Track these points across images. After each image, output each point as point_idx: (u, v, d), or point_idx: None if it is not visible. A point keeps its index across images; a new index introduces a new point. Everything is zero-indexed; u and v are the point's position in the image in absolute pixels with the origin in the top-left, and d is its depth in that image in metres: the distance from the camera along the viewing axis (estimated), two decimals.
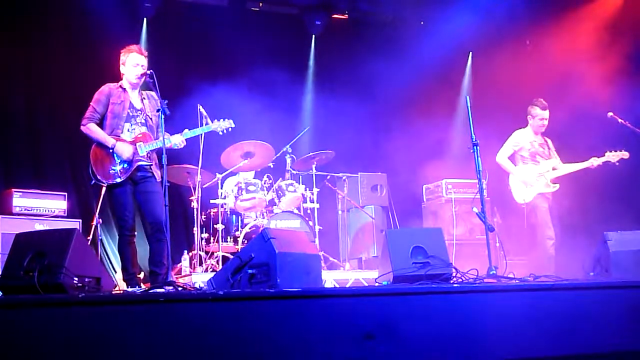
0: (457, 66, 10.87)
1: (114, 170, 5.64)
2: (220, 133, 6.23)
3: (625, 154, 7.07)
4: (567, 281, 4.86)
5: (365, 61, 10.37)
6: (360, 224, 9.24)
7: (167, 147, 5.76)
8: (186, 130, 5.95)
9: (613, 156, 7.09)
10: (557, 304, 3.97)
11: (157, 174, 5.81)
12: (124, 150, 5.64)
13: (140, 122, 5.83)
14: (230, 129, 6.25)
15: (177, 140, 5.84)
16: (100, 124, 5.76)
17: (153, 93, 5.88)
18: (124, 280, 5.80)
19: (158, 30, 9.56)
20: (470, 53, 11.11)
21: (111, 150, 5.64)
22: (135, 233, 5.82)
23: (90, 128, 5.72)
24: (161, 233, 5.61)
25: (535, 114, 7.44)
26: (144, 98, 5.93)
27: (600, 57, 8.89)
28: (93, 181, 5.68)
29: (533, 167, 7.45)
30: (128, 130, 5.77)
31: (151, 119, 5.87)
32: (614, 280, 4.81)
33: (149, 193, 5.73)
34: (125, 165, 5.65)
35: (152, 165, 5.79)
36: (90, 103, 5.79)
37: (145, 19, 9.55)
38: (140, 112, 5.85)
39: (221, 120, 6.22)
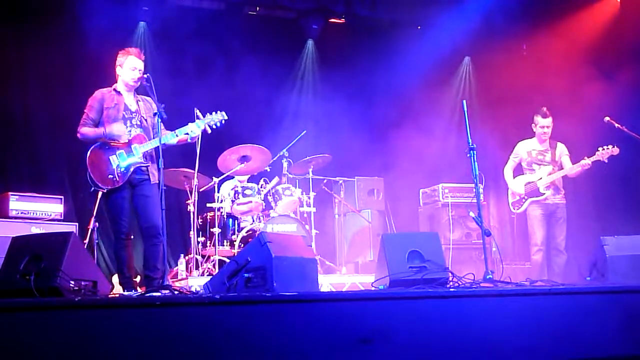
0: (453, 70, 10.90)
1: (111, 175, 5.62)
2: (214, 127, 6.15)
3: (615, 150, 7.05)
4: (563, 286, 4.87)
5: (362, 65, 10.39)
6: (356, 228, 9.24)
7: (182, 139, 5.85)
8: (199, 114, 5.94)
9: (603, 153, 7.07)
10: (553, 309, 3.98)
11: (154, 175, 5.79)
12: (116, 129, 5.64)
13: (136, 124, 5.81)
14: (223, 122, 6.17)
15: (194, 129, 5.85)
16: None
17: (149, 98, 5.88)
18: (120, 283, 5.79)
19: (155, 33, 9.57)
20: (467, 57, 11.13)
21: (107, 146, 5.62)
22: (132, 237, 5.82)
23: (84, 132, 5.69)
24: (156, 238, 5.61)
25: (537, 122, 7.46)
26: (139, 100, 5.93)
27: (596, 61, 8.92)
28: (92, 188, 5.66)
29: (525, 176, 7.50)
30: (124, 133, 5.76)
31: (146, 120, 5.85)
32: (611, 285, 4.82)
33: (145, 197, 5.71)
34: (123, 169, 5.64)
35: (148, 166, 5.78)
36: (84, 110, 5.78)
37: (143, 23, 9.56)
38: (135, 113, 5.84)
39: (213, 113, 6.10)
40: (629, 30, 8.73)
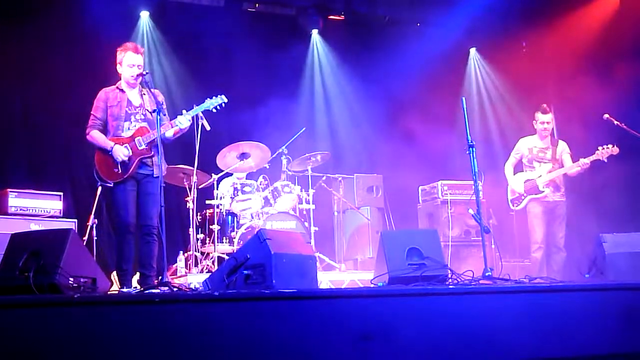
0: (453, 68, 10.88)
1: (117, 169, 5.69)
2: (214, 110, 6.14)
3: (615, 150, 7.05)
4: (562, 283, 4.88)
5: (362, 62, 10.39)
6: (355, 225, 9.23)
7: (175, 132, 5.81)
8: (184, 111, 5.91)
9: (603, 152, 7.07)
10: (552, 306, 3.99)
11: (158, 167, 5.77)
12: (119, 153, 5.68)
13: (140, 118, 5.87)
14: (223, 104, 6.17)
15: (181, 120, 5.80)
16: (104, 128, 5.83)
17: (155, 90, 5.87)
18: (117, 277, 5.82)
19: (154, 30, 9.56)
20: (467, 54, 11.12)
21: (110, 153, 5.67)
22: (132, 232, 5.83)
23: (93, 135, 5.81)
24: (150, 236, 5.69)
25: (537, 118, 7.47)
26: (144, 94, 5.95)
27: (596, 59, 8.91)
28: (99, 183, 5.73)
29: (524, 174, 7.50)
30: (128, 129, 5.81)
31: (151, 113, 5.86)
32: (609, 282, 4.82)
33: (145, 195, 5.77)
34: (127, 162, 5.69)
35: (153, 157, 5.79)
36: (91, 112, 5.86)
37: (141, 20, 9.55)
38: (139, 107, 5.89)
39: (213, 97, 6.14)
40: (629, 28, 8.72)
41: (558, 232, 7.32)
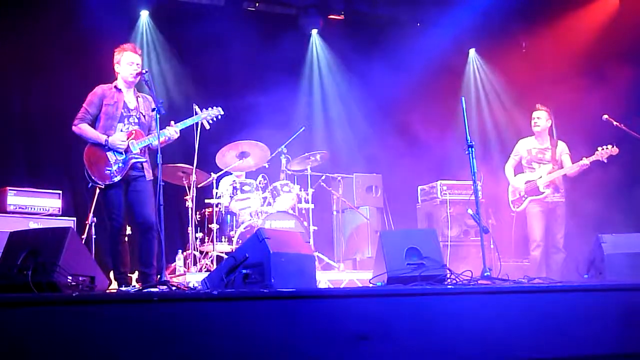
0: (453, 68, 10.88)
1: (109, 170, 5.62)
2: (210, 121, 6.17)
3: (614, 150, 7.06)
4: (561, 283, 4.88)
5: (361, 62, 10.38)
6: (355, 224, 9.24)
7: (162, 141, 5.71)
8: (172, 122, 5.90)
9: (602, 153, 7.08)
10: (550, 306, 3.99)
11: (149, 172, 5.79)
12: (118, 140, 5.63)
13: (134, 121, 5.81)
14: (219, 117, 6.19)
15: (170, 132, 5.80)
16: (93, 125, 5.76)
17: (149, 96, 5.86)
18: (115, 279, 5.80)
19: (154, 29, 9.56)
20: (466, 55, 11.12)
21: (106, 146, 5.62)
22: (127, 233, 5.82)
23: (82, 128, 5.71)
24: (150, 233, 5.63)
25: (532, 117, 7.50)
26: (139, 97, 5.92)
27: (595, 60, 8.91)
28: (90, 184, 5.67)
29: (525, 175, 7.50)
30: (121, 130, 5.74)
31: (144, 117, 5.85)
32: (608, 283, 4.82)
33: (139, 193, 5.71)
34: (121, 165, 5.64)
35: (144, 162, 5.78)
36: (83, 104, 5.78)
37: (141, 19, 9.55)
38: (134, 110, 5.84)
39: (210, 108, 6.15)
40: (629, 29, 8.71)
41: (557, 232, 7.32)
